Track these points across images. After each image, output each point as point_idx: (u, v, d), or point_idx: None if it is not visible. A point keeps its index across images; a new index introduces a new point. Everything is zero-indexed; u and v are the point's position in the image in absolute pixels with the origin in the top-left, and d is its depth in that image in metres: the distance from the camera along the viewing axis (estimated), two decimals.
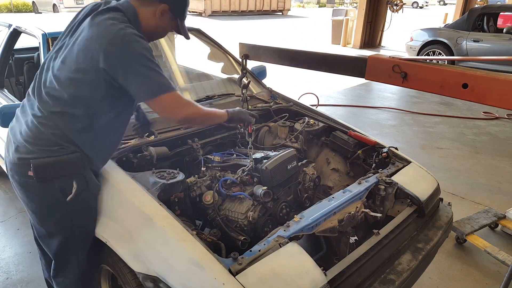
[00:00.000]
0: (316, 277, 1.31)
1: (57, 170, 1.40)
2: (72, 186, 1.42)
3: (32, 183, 1.41)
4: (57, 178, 1.42)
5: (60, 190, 1.42)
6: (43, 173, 1.39)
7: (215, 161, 1.90)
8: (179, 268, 1.29)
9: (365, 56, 1.37)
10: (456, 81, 1.15)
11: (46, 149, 1.38)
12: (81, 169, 1.44)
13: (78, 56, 1.33)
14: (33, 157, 1.37)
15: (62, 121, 1.38)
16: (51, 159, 1.38)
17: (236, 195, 1.69)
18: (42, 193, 1.44)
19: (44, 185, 1.41)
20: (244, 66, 2.00)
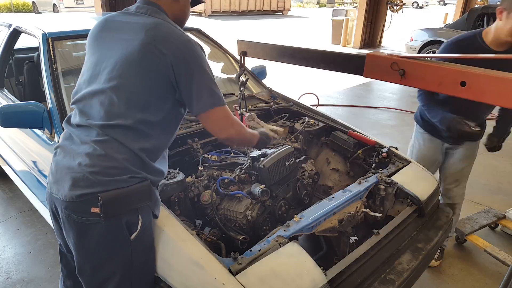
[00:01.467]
0: (316, 276, 1.31)
1: (128, 203, 1.23)
2: (138, 220, 1.25)
3: (96, 221, 1.20)
4: (125, 212, 1.23)
5: (126, 226, 1.24)
6: (112, 208, 1.20)
7: (212, 160, 1.90)
8: (179, 267, 1.29)
9: (364, 54, 1.37)
10: (454, 79, 1.15)
11: (117, 179, 1.21)
12: (149, 200, 1.29)
13: (139, 64, 1.23)
14: (100, 190, 1.18)
15: (136, 141, 1.24)
16: (121, 190, 1.20)
17: (234, 194, 1.69)
18: (106, 232, 1.23)
19: (110, 222, 1.21)
20: (242, 63, 2.00)
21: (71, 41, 2.58)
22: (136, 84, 1.24)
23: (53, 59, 2.11)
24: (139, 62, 1.23)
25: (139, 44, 1.23)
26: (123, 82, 1.25)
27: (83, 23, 2.86)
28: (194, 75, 1.25)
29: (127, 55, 1.24)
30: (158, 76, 1.24)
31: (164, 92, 1.27)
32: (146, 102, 1.26)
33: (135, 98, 1.25)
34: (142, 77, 1.24)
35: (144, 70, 1.23)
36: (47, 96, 1.99)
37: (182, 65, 1.23)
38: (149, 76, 1.24)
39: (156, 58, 1.22)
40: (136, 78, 1.24)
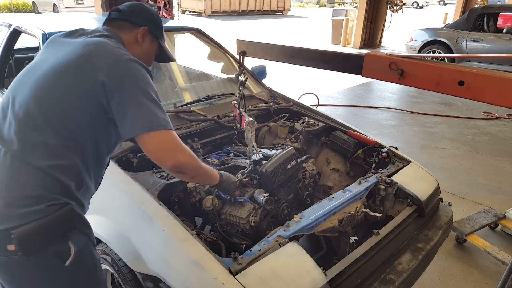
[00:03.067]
0: (316, 276, 1.31)
1: (48, 234, 1.07)
2: (69, 247, 1.10)
3: (17, 259, 1.05)
4: (49, 243, 1.08)
5: (55, 256, 1.09)
6: (30, 244, 1.04)
7: (213, 163, 1.89)
8: (179, 268, 1.29)
9: (362, 54, 1.37)
10: (452, 79, 1.16)
11: (31, 210, 1.04)
12: (76, 223, 1.13)
13: (68, 77, 1.13)
14: (12, 226, 1.02)
15: (54, 161, 1.09)
16: (38, 222, 1.04)
17: (237, 199, 1.67)
18: (32, 268, 1.08)
19: (33, 257, 1.07)
20: (241, 63, 2.00)
21: None
22: (61, 98, 1.12)
23: None
24: (68, 74, 1.13)
25: (73, 56, 1.14)
26: (46, 95, 1.12)
27: (83, 23, 2.86)
28: (129, 95, 1.12)
29: (57, 66, 1.15)
30: (86, 93, 1.11)
31: (92, 110, 1.13)
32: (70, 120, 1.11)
33: (57, 111, 1.11)
34: (71, 91, 1.12)
35: (72, 84, 1.12)
36: None
37: (117, 83, 1.11)
38: (76, 92, 1.11)
39: (88, 73, 1.11)
40: (65, 90, 1.12)
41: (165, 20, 4.30)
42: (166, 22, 3.41)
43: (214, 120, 2.17)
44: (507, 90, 1.06)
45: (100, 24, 1.39)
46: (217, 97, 2.49)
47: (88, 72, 1.11)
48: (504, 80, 1.07)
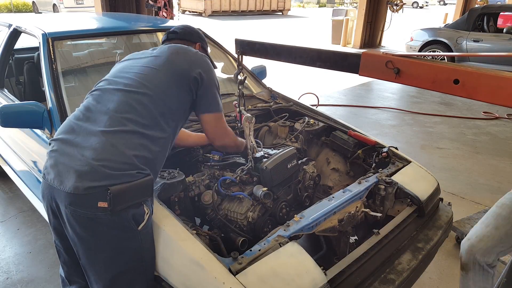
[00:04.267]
0: (316, 276, 1.31)
1: (134, 196, 1.25)
2: (144, 212, 1.28)
3: (103, 216, 1.20)
4: (131, 206, 1.24)
5: (133, 218, 1.25)
6: (120, 202, 1.20)
7: (214, 159, 1.90)
8: (180, 267, 1.29)
9: (359, 52, 1.38)
10: (447, 77, 1.16)
11: (125, 173, 1.22)
12: (151, 193, 1.32)
13: (168, 70, 1.46)
14: (110, 183, 1.18)
15: (147, 139, 1.33)
16: (129, 184, 1.22)
17: (236, 195, 1.68)
18: (114, 226, 1.23)
19: (118, 216, 1.22)
20: (240, 62, 2.01)
21: (71, 41, 2.58)
22: (164, 90, 1.43)
23: (53, 59, 2.11)
24: (166, 70, 1.46)
25: (166, 57, 1.50)
26: (152, 80, 1.43)
27: (83, 23, 2.86)
28: (210, 84, 1.53)
29: (156, 66, 1.48)
30: (183, 82, 1.46)
31: (184, 93, 1.48)
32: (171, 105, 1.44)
33: (160, 92, 1.42)
34: (169, 83, 1.44)
35: (171, 77, 1.46)
36: (47, 96, 1.99)
37: (204, 75, 1.49)
38: (175, 82, 1.45)
39: (181, 66, 1.48)
40: (164, 84, 1.44)
41: (165, 20, 4.30)
42: (166, 22, 3.42)
43: None
44: (501, 88, 1.07)
45: (100, 24, 1.48)
46: None
47: (184, 65, 1.48)
48: (498, 78, 1.07)
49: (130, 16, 3.74)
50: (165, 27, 3.04)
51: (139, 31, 2.96)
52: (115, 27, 2.74)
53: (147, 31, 3.04)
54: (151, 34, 3.12)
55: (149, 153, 1.32)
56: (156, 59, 1.50)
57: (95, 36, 2.81)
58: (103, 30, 2.69)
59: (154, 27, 2.98)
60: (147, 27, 2.99)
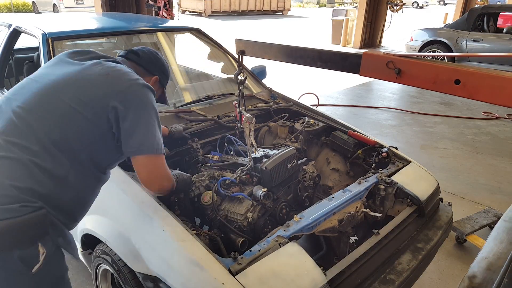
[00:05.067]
0: (316, 277, 1.31)
1: (17, 235, 1.05)
2: (38, 252, 1.07)
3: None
4: (16, 246, 1.05)
5: (21, 261, 1.06)
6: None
7: (213, 160, 1.90)
8: (179, 268, 1.29)
9: (360, 53, 1.38)
10: (448, 77, 1.17)
11: (3, 208, 1.03)
12: (48, 229, 1.11)
13: (82, 90, 1.21)
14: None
15: (33, 172, 1.10)
16: (9, 221, 1.02)
17: (235, 195, 1.68)
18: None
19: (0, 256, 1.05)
20: (241, 62, 2.01)
21: (71, 41, 2.58)
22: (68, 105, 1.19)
23: None
24: (82, 86, 1.21)
25: (89, 72, 1.24)
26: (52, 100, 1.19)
27: (83, 23, 2.86)
28: (140, 118, 1.23)
29: (68, 77, 1.23)
30: (97, 107, 1.20)
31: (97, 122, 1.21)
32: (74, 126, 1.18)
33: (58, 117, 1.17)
34: (81, 101, 1.19)
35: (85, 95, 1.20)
36: None
37: (131, 106, 1.21)
38: (88, 103, 1.19)
39: (104, 90, 1.21)
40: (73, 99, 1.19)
41: (165, 20, 4.30)
42: (166, 22, 3.42)
43: (214, 120, 2.17)
44: (502, 88, 1.07)
45: (100, 24, 1.43)
46: (217, 97, 2.49)
47: (106, 90, 1.21)
48: (499, 78, 1.08)
49: (130, 16, 3.73)
50: (165, 27, 3.04)
51: (139, 31, 2.96)
52: (115, 27, 2.74)
53: (147, 31, 3.04)
54: (151, 34, 3.12)
55: (40, 186, 1.10)
56: (77, 74, 1.24)
57: (95, 36, 2.81)
58: (103, 30, 2.69)
59: (154, 27, 2.98)
60: (147, 27, 2.99)
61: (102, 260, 1.62)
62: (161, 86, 1.59)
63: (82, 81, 1.22)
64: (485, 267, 1.80)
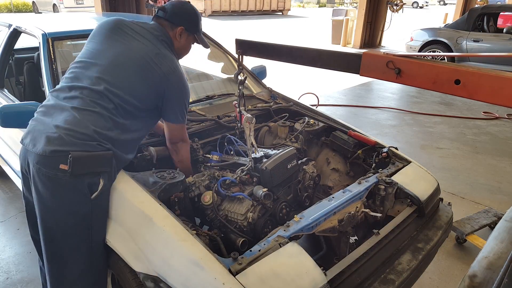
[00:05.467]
0: (316, 277, 1.31)
1: (92, 165, 1.41)
2: (99, 182, 1.42)
3: (62, 177, 1.38)
4: (88, 173, 1.41)
5: (88, 186, 1.41)
6: (79, 167, 1.37)
7: (213, 160, 1.90)
8: (179, 268, 1.29)
9: (360, 53, 1.38)
10: (448, 77, 1.17)
11: (86, 143, 1.39)
12: (110, 167, 1.46)
13: (139, 69, 1.55)
14: (72, 149, 1.36)
15: (108, 123, 1.47)
16: (89, 153, 1.39)
17: (236, 195, 1.68)
18: (70, 187, 1.40)
19: (75, 179, 1.39)
20: (240, 62, 2.01)
21: (71, 41, 2.59)
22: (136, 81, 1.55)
23: (53, 59, 2.11)
24: (144, 68, 1.56)
25: (146, 57, 1.57)
26: (126, 75, 1.55)
27: (83, 23, 2.86)
28: (177, 99, 1.65)
29: (137, 59, 1.57)
30: (153, 86, 1.58)
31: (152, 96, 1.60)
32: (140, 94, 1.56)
33: (133, 88, 1.54)
34: (143, 80, 1.56)
35: (145, 77, 1.56)
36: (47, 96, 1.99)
37: (173, 90, 1.61)
38: (147, 82, 1.57)
39: (156, 76, 1.57)
40: (137, 78, 1.56)
41: None
42: None
43: (214, 120, 2.17)
44: (503, 89, 1.07)
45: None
46: (217, 97, 2.49)
47: (156, 76, 1.57)
48: (499, 78, 1.08)
49: (130, 16, 3.73)
50: None
51: None
52: None
53: None
54: None
55: (111, 133, 1.47)
56: (132, 52, 1.58)
57: None
58: None
59: None
60: None
61: None
62: (191, 34, 1.75)
63: (140, 60, 1.56)
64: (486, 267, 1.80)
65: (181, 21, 1.71)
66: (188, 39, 1.76)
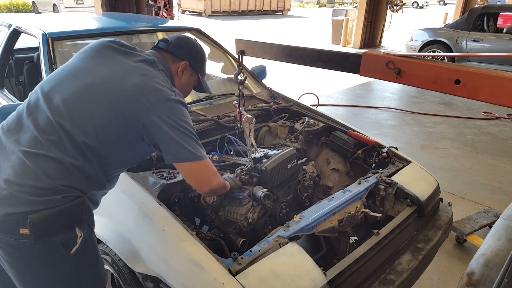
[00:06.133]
0: (316, 277, 1.31)
1: (60, 222, 1.15)
2: (76, 236, 1.18)
3: (26, 243, 1.11)
4: (58, 231, 1.16)
5: (62, 244, 1.17)
6: (43, 230, 1.11)
7: (213, 160, 1.90)
8: (179, 268, 1.29)
9: (360, 53, 1.38)
10: (448, 77, 1.17)
11: (47, 199, 1.12)
12: (84, 215, 1.21)
13: (113, 97, 1.21)
14: (29, 210, 1.09)
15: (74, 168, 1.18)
16: (53, 210, 1.12)
17: (235, 196, 1.68)
18: (42, 252, 1.15)
19: (42, 243, 1.14)
20: (241, 62, 2.01)
21: (71, 41, 2.58)
22: (105, 111, 1.21)
23: (53, 59, 2.11)
24: (119, 96, 1.21)
25: (127, 81, 1.23)
26: (91, 103, 1.21)
27: (83, 23, 2.86)
28: (172, 134, 1.23)
29: (108, 82, 1.23)
30: (131, 121, 1.21)
31: (130, 134, 1.24)
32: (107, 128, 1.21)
33: (96, 121, 1.20)
34: (114, 111, 1.20)
35: (120, 106, 1.21)
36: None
37: (164, 123, 1.21)
38: (122, 114, 1.20)
39: (139, 106, 1.20)
40: (108, 107, 1.21)
41: (165, 20, 4.30)
42: (166, 22, 3.42)
43: (214, 120, 2.17)
44: (503, 89, 1.07)
45: (100, 24, 1.42)
46: (217, 97, 2.49)
47: (139, 105, 1.20)
48: (499, 78, 1.08)
49: (130, 16, 3.74)
50: (165, 27, 3.04)
51: (139, 31, 2.96)
52: (115, 27, 2.74)
53: (147, 31, 3.04)
54: (151, 34, 3.12)
55: (77, 182, 1.18)
56: (117, 79, 1.24)
57: (95, 36, 2.80)
58: (103, 30, 2.69)
59: (154, 27, 2.98)
60: (147, 27, 2.99)
61: None
62: (195, 72, 1.52)
63: (120, 91, 1.22)
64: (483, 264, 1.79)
65: (187, 55, 1.47)
66: (191, 78, 1.51)
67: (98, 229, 1.56)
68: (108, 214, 1.57)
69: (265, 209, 1.70)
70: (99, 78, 1.24)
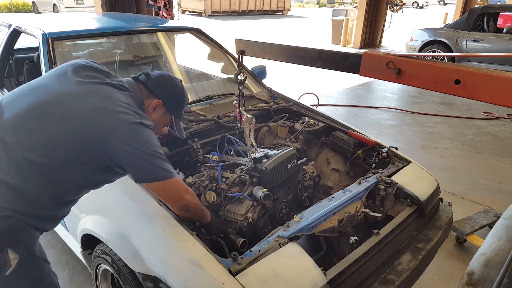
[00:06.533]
0: (316, 277, 1.31)
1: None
2: (8, 258, 1.09)
3: None
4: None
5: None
6: None
7: (213, 160, 1.90)
8: (179, 268, 1.29)
9: (360, 53, 1.38)
10: (448, 77, 1.17)
11: None
12: (18, 236, 1.12)
13: (69, 118, 1.17)
14: None
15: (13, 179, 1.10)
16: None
17: (235, 195, 1.68)
18: None
19: None
20: (241, 62, 2.01)
21: (71, 41, 2.58)
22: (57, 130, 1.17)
23: (53, 59, 2.11)
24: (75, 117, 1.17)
25: (88, 107, 1.18)
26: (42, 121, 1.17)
27: (83, 23, 2.86)
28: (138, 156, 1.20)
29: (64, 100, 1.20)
30: (88, 142, 1.16)
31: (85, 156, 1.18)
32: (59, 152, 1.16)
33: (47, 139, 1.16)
34: (68, 131, 1.16)
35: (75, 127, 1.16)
36: None
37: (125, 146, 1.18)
38: (77, 135, 1.16)
39: (98, 129, 1.16)
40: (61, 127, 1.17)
41: (165, 20, 4.30)
42: (166, 22, 3.42)
43: (214, 120, 2.17)
44: (502, 88, 1.07)
45: (100, 24, 1.42)
46: (217, 97, 2.49)
47: (98, 128, 1.16)
48: (499, 78, 1.08)
49: (130, 16, 3.73)
50: (165, 27, 3.04)
51: (139, 31, 2.96)
52: (115, 27, 2.74)
53: (147, 31, 3.04)
54: (151, 34, 3.12)
55: (6, 198, 1.11)
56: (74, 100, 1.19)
57: (95, 36, 2.81)
58: (103, 30, 2.69)
59: (154, 27, 2.98)
60: (147, 27, 2.99)
61: (102, 260, 1.61)
62: (168, 112, 1.48)
63: (77, 112, 1.17)
64: (483, 263, 1.79)
65: (163, 94, 1.44)
66: (162, 117, 1.47)
67: (98, 229, 1.56)
68: (108, 214, 1.57)
69: (265, 209, 1.70)
70: (55, 96, 1.20)
